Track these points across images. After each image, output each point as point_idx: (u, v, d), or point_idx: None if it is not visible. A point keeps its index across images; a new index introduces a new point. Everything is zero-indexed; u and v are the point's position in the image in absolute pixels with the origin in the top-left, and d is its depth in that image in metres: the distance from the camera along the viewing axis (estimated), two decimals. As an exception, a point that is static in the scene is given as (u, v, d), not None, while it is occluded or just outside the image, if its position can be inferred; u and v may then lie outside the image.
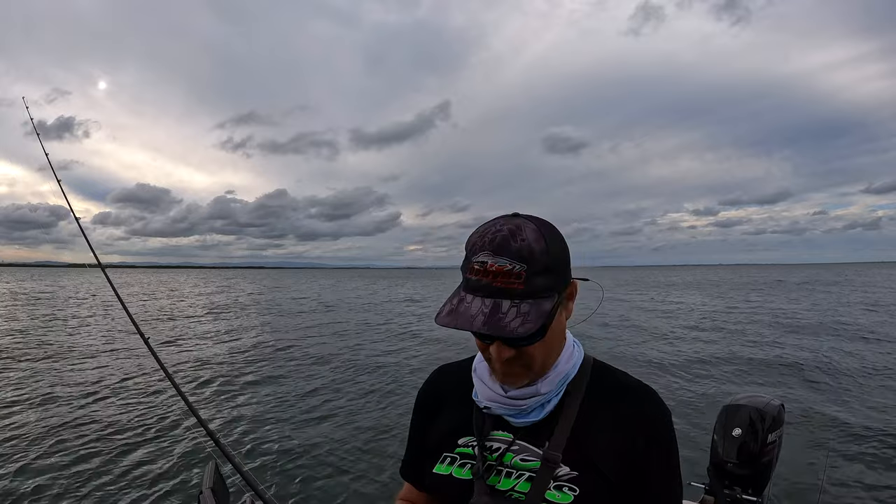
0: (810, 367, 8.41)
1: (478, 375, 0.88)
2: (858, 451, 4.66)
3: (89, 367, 9.16)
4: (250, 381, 8.28)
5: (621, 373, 0.89)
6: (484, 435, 0.84)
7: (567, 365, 0.84)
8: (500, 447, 0.82)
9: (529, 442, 0.81)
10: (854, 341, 11.02)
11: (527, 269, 0.72)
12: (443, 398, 0.96)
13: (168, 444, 5.15)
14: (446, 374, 1.00)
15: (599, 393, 0.84)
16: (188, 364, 9.61)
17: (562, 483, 0.76)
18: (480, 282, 0.73)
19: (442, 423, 0.92)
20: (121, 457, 4.83)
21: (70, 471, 4.49)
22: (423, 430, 0.96)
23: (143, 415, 6.20)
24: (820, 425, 5.43)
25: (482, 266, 0.73)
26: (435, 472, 0.87)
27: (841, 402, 6.33)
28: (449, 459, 0.86)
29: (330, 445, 5.26)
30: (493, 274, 0.72)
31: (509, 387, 0.81)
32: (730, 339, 11.99)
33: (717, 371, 8.37)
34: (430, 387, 1.00)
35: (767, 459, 2.34)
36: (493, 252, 0.73)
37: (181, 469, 4.51)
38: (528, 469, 0.79)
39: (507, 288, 0.72)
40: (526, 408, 0.81)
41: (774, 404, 2.38)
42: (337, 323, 16.96)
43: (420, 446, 0.96)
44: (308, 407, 6.74)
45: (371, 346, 11.83)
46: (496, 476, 0.80)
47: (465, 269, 0.76)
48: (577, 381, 0.84)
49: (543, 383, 0.81)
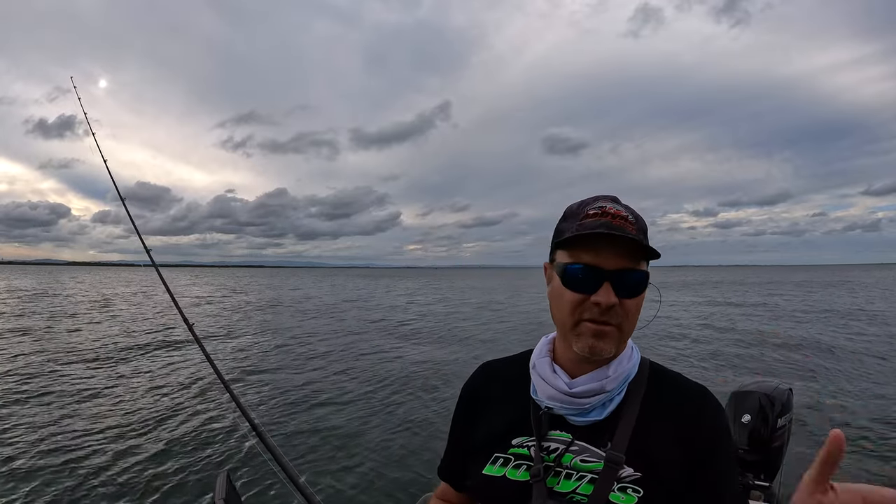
0: (814, 354, 8.45)
1: (538, 371, 0.85)
2: (866, 436, 4.66)
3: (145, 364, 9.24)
4: (283, 373, 8.35)
5: (677, 374, 0.87)
6: (542, 435, 0.80)
7: (629, 364, 0.82)
8: (558, 447, 0.79)
9: (590, 442, 0.78)
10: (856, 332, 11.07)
11: (636, 221, 0.77)
12: (491, 395, 0.91)
13: (214, 439, 5.21)
14: (494, 370, 0.96)
15: (659, 394, 0.83)
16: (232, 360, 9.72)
17: (626, 484, 0.73)
18: (599, 220, 0.76)
19: (491, 422, 0.88)
20: (135, 454, 4.78)
21: (80, 464, 4.45)
22: (468, 428, 0.92)
23: (190, 407, 6.31)
24: (829, 410, 5.43)
25: (600, 209, 0.77)
26: (485, 474, 0.82)
27: (848, 388, 6.34)
28: (502, 460, 0.82)
29: (364, 440, 5.26)
30: (611, 215, 0.76)
31: (598, 353, 0.77)
32: (731, 333, 12.04)
33: (723, 361, 8.40)
34: (477, 383, 0.96)
35: (778, 445, 2.34)
36: (610, 199, 0.80)
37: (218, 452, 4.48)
38: (590, 470, 0.76)
39: (624, 227, 0.75)
40: (588, 406, 0.79)
41: (783, 389, 2.38)
42: (374, 321, 16.97)
43: (462, 445, 0.92)
44: (342, 401, 6.76)
45: (403, 343, 11.78)
46: (554, 478, 0.77)
47: (578, 218, 0.78)
48: (637, 381, 0.83)
49: (608, 381, 0.79)
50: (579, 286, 0.76)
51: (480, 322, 16.45)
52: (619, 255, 0.74)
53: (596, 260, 0.75)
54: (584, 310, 0.76)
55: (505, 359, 0.97)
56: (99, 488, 4.19)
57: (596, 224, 0.75)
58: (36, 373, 8.20)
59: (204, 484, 4.27)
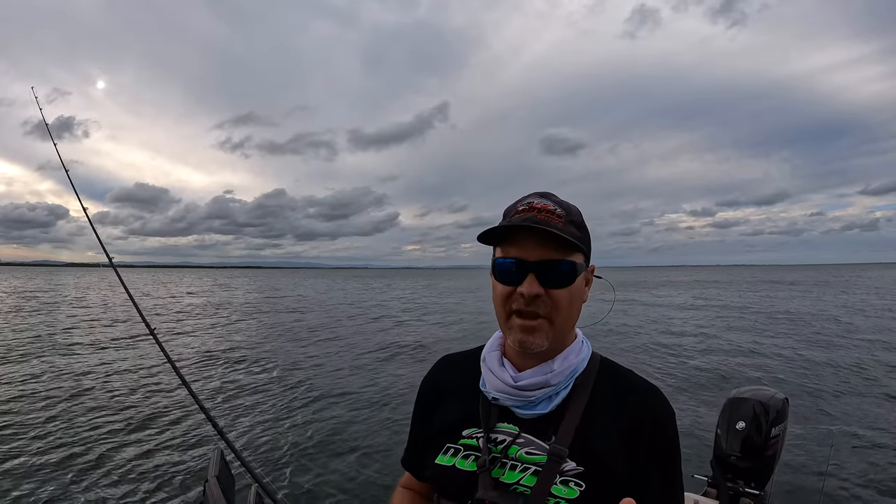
0: (808, 363, 8.39)
1: (487, 364, 0.88)
2: (861, 445, 4.65)
3: (99, 359, 9.29)
4: (252, 371, 8.36)
5: (628, 370, 0.88)
6: (490, 426, 0.83)
7: (577, 358, 0.84)
8: (506, 439, 0.81)
9: (535, 435, 0.80)
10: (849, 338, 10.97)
11: (565, 216, 0.80)
12: (447, 388, 0.94)
13: (174, 435, 5.21)
14: (451, 363, 0.99)
15: (606, 389, 0.83)
16: (194, 358, 9.72)
17: (568, 478, 0.75)
18: (524, 216, 0.79)
19: (446, 414, 0.90)
20: (127, 446, 4.89)
21: (78, 459, 4.56)
22: (426, 419, 0.94)
23: (150, 405, 6.27)
24: (823, 419, 5.43)
25: (528, 205, 0.81)
26: (437, 463, 0.85)
27: (843, 396, 6.32)
28: (452, 451, 0.85)
29: (332, 435, 5.34)
30: (537, 210, 0.80)
31: (527, 346, 0.79)
32: (728, 335, 11.99)
33: (720, 365, 8.37)
34: (435, 376, 0.99)
35: (771, 453, 2.33)
36: (540, 195, 0.84)
37: (187, 459, 4.56)
38: (534, 462, 0.78)
39: (549, 221, 0.78)
40: (534, 399, 0.81)
41: (779, 398, 2.36)
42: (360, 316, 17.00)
43: (422, 436, 0.95)
44: (312, 399, 6.81)
45: (372, 338, 11.87)
46: (500, 469, 0.79)
47: (508, 217, 0.82)
48: (585, 376, 0.84)
49: (553, 375, 0.80)
50: (506, 278, 0.80)
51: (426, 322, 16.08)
52: (542, 247, 0.78)
53: (520, 253, 0.79)
54: (513, 301, 0.80)
55: (463, 352, 0.99)
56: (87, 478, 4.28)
57: (521, 219, 0.79)
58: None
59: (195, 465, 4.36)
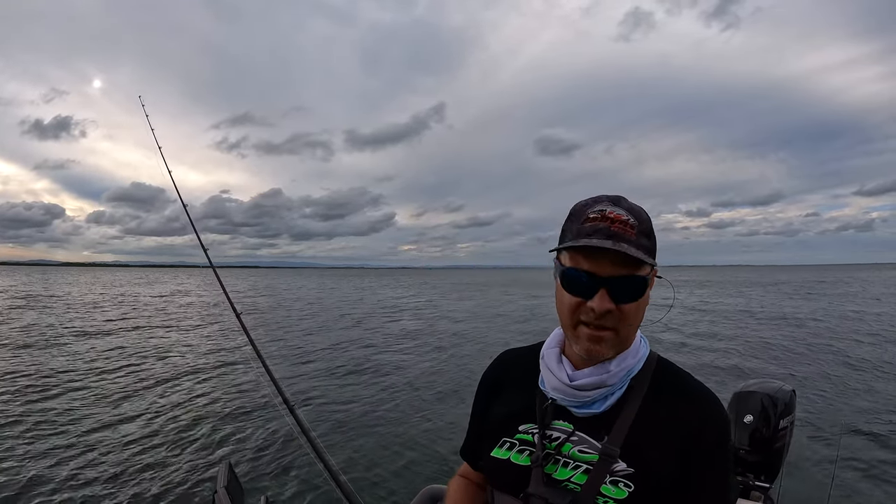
0: (815, 356, 8.52)
1: (545, 363, 0.89)
2: (870, 437, 4.68)
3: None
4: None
5: (685, 373, 0.89)
6: (545, 423, 0.85)
7: (634, 359, 0.84)
8: (560, 437, 0.83)
9: (589, 434, 0.82)
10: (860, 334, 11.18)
11: (637, 225, 0.79)
12: (506, 382, 0.97)
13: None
14: (512, 357, 1.01)
15: (662, 391, 0.84)
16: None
17: (618, 478, 0.76)
18: (597, 226, 0.77)
19: (504, 407, 0.93)
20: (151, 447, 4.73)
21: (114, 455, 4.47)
22: (485, 411, 0.97)
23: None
24: (832, 412, 5.46)
25: (600, 213, 0.78)
26: (493, 456, 0.87)
27: (852, 389, 6.39)
28: (508, 444, 0.87)
29: (391, 422, 5.58)
30: (610, 220, 0.77)
31: (594, 356, 0.80)
32: (728, 333, 12.11)
33: (724, 360, 8.45)
34: (495, 370, 1.01)
35: (779, 445, 2.33)
36: (611, 202, 0.81)
37: (195, 468, 4.41)
38: (586, 461, 0.79)
39: (622, 233, 0.76)
40: (590, 399, 0.82)
41: (786, 390, 2.37)
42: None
43: (479, 428, 0.97)
44: (371, 394, 7.00)
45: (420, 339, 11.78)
46: (553, 465, 0.81)
47: (579, 221, 0.80)
48: (641, 376, 0.85)
49: (609, 375, 0.81)
50: (576, 290, 0.79)
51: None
52: (616, 262, 0.76)
53: (593, 266, 0.77)
54: (582, 313, 0.79)
55: (522, 348, 1.01)
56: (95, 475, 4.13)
57: (594, 229, 0.77)
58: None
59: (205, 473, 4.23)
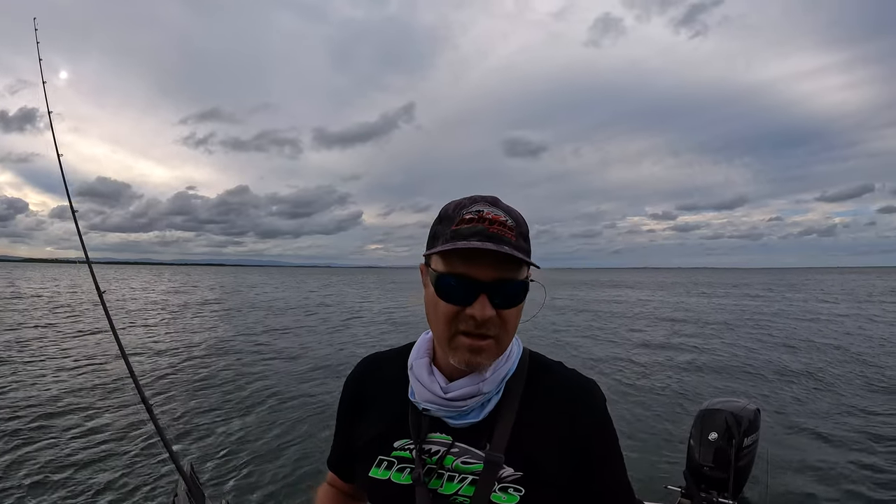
0: (783, 371, 8.61)
1: (415, 374, 0.82)
2: (830, 454, 4.77)
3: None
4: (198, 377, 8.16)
5: (557, 364, 0.86)
6: (421, 438, 0.79)
7: (508, 363, 0.80)
8: (440, 450, 0.78)
9: (470, 444, 0.77)
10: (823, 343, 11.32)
11: (515, 227, 0.73)
12: (374, 393, 0.89)
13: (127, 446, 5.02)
14: (376, 364, 0.93)
15: (537, 388, 0.81)
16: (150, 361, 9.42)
17: (507, 484, 0.74)
18: (475, 227, 0.71)
19: (374, 422, 0.86)
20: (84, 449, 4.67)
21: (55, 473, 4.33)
22: (352, 424, 0.90)
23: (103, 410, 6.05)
24: (794, 430, 5.55)
25: (477, 214, 0.72)
26: (371, 477, 0.81)
27: (814, 406, 6.49)
28: (386, 463, 0.81)
29: (257, 435, 5.26)
30: (488, 221, 0.71)
31: (475, 367, 0.74)
32: (695, 341, 12.19)
33: (692, 376, 8.51)
34: (360, 378, 0.92)
35: (743, 463, 2.36)
36: (488, 203, 0.75)
37: (153, 472, 4.37)
38: (471, 472, 0.75)
39: (502, 235, 0.71)
40: (466, 409, 0.77)
41: (751, 409, 2.40)
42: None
43: (348, 441, 0.90)
44: (240, 399, 6.69)
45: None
46: (437, 480, 0.77)
47: (452, 223, 0.73)
48: (516, 378, 0.81)
49: (485, 383, 0.77)
50: (453, 298, 0.72)
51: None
52: (495, 266, 0.70)
53: (471, 270, 0.70)
54: (460, 321, 0.72)
55: (388, 353, 0.93)
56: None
57: (472, 231, 0.71)
58: None
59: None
